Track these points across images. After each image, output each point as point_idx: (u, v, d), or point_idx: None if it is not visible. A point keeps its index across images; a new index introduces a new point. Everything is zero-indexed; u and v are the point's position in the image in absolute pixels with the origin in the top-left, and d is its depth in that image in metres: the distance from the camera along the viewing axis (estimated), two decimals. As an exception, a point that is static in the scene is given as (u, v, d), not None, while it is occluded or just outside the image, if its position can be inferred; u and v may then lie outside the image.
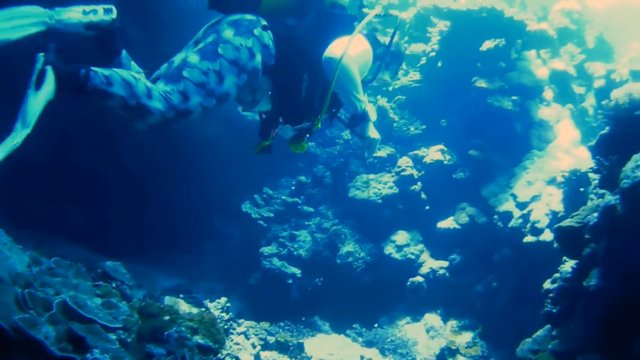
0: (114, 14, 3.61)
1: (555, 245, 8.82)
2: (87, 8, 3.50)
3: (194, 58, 3.71)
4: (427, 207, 11.15)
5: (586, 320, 5.46)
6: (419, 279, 10.54)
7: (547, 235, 9.05)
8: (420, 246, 10.93)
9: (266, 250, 10.80)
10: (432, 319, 10.32)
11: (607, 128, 5.63)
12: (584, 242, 5.44)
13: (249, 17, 3.99)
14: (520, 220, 9.57)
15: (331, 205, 11.72)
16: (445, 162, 11.09)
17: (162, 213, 10.10)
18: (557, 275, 6.65)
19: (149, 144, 9.66)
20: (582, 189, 8.80)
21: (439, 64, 11.45)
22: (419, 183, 11.09)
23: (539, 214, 9.28)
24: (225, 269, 11.34)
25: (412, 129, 11.71)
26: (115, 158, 9.60)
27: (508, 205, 9.89)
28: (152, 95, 3.43)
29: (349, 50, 3.99)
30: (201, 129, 10.35)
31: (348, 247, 10.88)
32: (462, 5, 10.65)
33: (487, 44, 10.59)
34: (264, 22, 4.03)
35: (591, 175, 8.71)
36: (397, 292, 10.77)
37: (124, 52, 3.85)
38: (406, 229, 11.07)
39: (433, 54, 11.56)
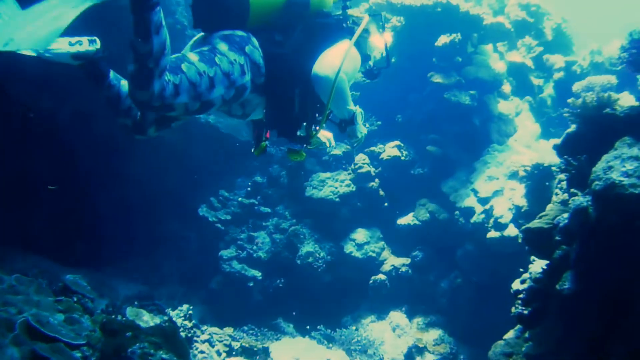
0: (98, 44, 3.64)
1: (520, 240, 8.89)
2: (73, 40, 3.53)
3: (193, 56, 3.66)
4: (385, 204, 11.09)
5: (560, 323, 5.40)
6: (382, 276, 10.53)
7: (511, 230, 9.05)
8: (381, 244, 10.88)
9: (225, 253, 10.72)
10: (397, 316, 10.31)
11: (574, 126, 5.54)
12: (554, 243, 5.35)
13: (239, 33, 4.00)
14: (482, 216, 9.54)
15: (288, 205, 11.58)
16: (403, 158, 11.06)
17: (119, 218, 9.88)
18: (526, 275, 6.58)
19: (104, 149, 9.60)
20: (546, 183, 8.76)
21: (393, 60, 11.30)
22: (376, 180, 11.04)
23: (502, 209, 9.24)
24: (185, 273, 11.19)
25: (367, 125, 11.58)
26: (70, 164, 9.45)
27: (469, 201, 9.85)
28: (162, 76, 3.36)
29: (339, 64, 4.03)
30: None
31: (308, 247, 10.77)
32: (416, 1, 10.54)
33: (443, 39, 10.53)
34: (254, 40, 4.03)
35: (555, 169, 8.71)
36: (360, 290, 10.76)
37: (111, 72, 3.86)
38: (366, 226, 11.02)
39: (394, 59, 11.34)
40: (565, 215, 5.26)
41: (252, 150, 4.58)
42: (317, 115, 4.35)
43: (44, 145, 9.13)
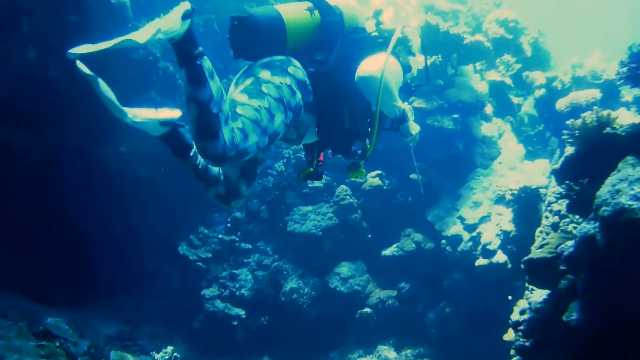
0: (180, 112, 3.76)
1: (509, 266, 8.66)
2: (157, 109, 3.70)
3: (241, 97, 3.64)
4: (369, 236, 10.84)
5: (564, 355, 5.11)
6: (368, 310, 10.26)
7: (500, 257, 8.85)
8: (366, 276, 10.60)
9: (208, 292, 10.44)
10: (385, 350, 10.06)
11: (572, 149, 5.26)
12: (559, 273, 5.08)
13: (278, 57, 4.04)
14: (470, 244, 9.27)
15: (270, 240, 11.29)
16: (385, 188, 10.76)
17: (99, 255, 9.66)
18: (524, 304, 6.31)
19: (82, 188, 9.45)
20: (534, 207, 8.53)
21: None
22: (359, 211, 10.78)
23: (490, 235, 9.00)
24: (167, 312, 10.88)
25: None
26: (50, 203, 9.32)
27: (456, 229, 9.55)
28: (228, 123, 3.34)
29: (382, 64, 4.10)
30: (132, 170, 10.04)
31: (291, 283, 10.50)
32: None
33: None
34: (295, 60, 4.08)
35: (542, 191, 8.48)
36: (347, 325, 10.53)
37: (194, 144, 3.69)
38: (350, 259, 10.74)
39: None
40: (570, 243, 4.98)
41: (299, 175, 4.58)
42: (369, 129, 4.38)
43: (21, 183, 9.03)
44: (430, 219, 9.98)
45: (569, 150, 5.29)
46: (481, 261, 8.98)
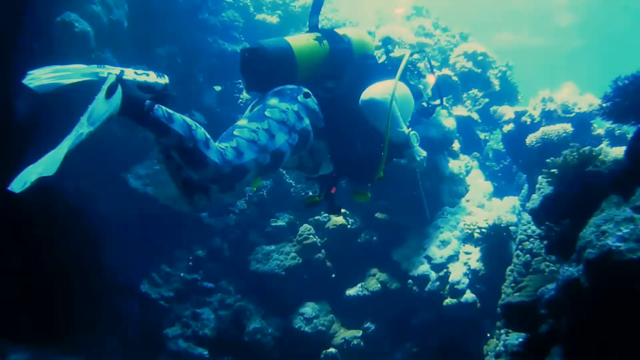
0: (166, 79, 3.62)
1: (478, 305, 8.42)
2: (139, 71, 3.51)
3: (242, 121, 3.85)
4: (333, 275, 10.55)
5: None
6: (333, 350, 9.94)
7: (469, 296, 8.61)
8: (331, 316, 10.32)
9: (170, 331, 10.17)
10: (351, 390, 9.68)
11: (551, 188, 5.03)
12: (539, 317, 4.82)
13: (290, 86, 4.18)
14: (437, 283, 9.01)
15: (232, 279, 10.99)
16: (349, 227, 10.48)
17: (60, 292, 9.22)
18: (500, 348, 6.07)
19: (43, 222, 9.05)
20: (503, 245, 8.33)
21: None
22: (322, 250, 10.49)
23: (458, 275, 8.79)
24: (130, 350, 10.40)
25: (310, 193, 11.00)
26: (11, 236, 8.93)
27: (423, 268, 9.26)
28: (210, 146, 3.44)
29: (386, 89, 4.25)
30: (92, 204, 9.75)
31: (254, 323, 10.22)
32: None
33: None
34: (306, 90, 4.20)
35: (512, 228, 8.29)
36: (311, 366, 10.17)
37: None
38: (314, 299, 10.45)
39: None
40: (550, 286, 4.73)
41: (304, 202, 4.78)
42: (381, 153, 4.36)
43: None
44: (396, 258, 9.70)
45: (547, 188, 5.06)
46: (449, 300, 8.74)
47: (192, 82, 11.64)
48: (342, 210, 10.27)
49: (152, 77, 3.54)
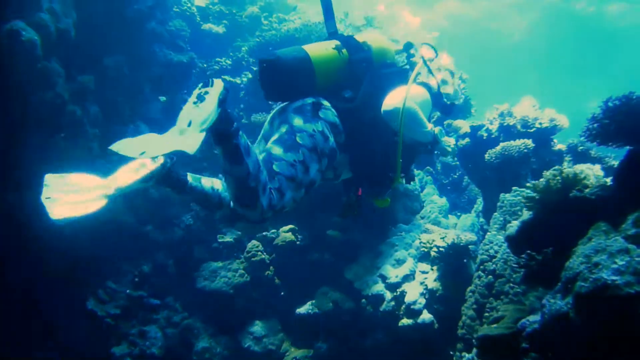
0: (161, 159, 3.58)
1: (436, 326, 8.11)
2: (134, 165, 3.54)
3: (277, 150, 3.78)
4: (282, 293, 10.20)
5: None
6: (283, 369, 9.46)
7: (426, 316, 8.23)
8: (281, 335, 9.97)
9: (117, 350, 9.68)
10: (301, 412, 9.32)
11: (529, 213, 4.68)
12: (521, 350, 4.48)
13: (309, 100, 4.14)
14: (393, 303, 8.61)
15: (179, 296, 10.52)
16: (298, 243, 10.09)
17: (6, 307, 8.92)
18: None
19: None
20: (462, 265, 8.03)
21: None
22: (271, 267, 10.14)
23: (414, 295, 8.40)
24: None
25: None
26: None
27: (377, 288, 8.85)
28: (265, 190, 3.49)
29: (403, 96, 4.16)
30: (39, 218, 8.94)
31: (203, 342, 9.86)
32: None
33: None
34: (325, 102, 4.19)
35: (471, 247, 8.01)
36: (261, 386, 9.77)
37: (188, 175, 3.88)
38: (263, 318, 10.10)
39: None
40: (532, 318, 4.39)
41: (340, 214, 4.82)
42: (400, 159, 4.40)
43: None
44: (349, 277, 9.28)
45: (527, 214, 4.71)
46: (405, 321, 8.34)
47: (138, 93, 11.27)
48: (291, 226, 9.95)
49: (148, 167, 3.55)
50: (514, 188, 7.69)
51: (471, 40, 36.04)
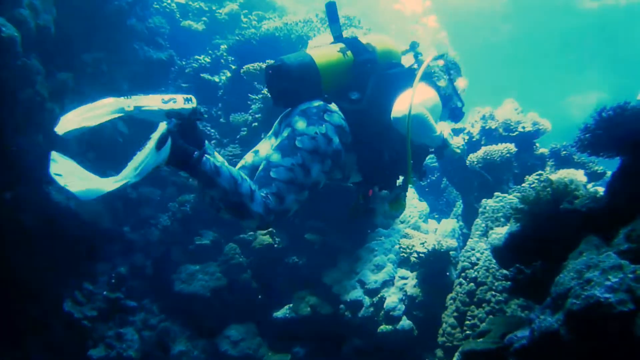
0: (194, 103, 3.64)
1: (416, 333, 8.00)
2: (166, 97, 3.56)
3: (275, 157, 3.86)
4: (260, 296, 10.01)
5: None
6: (261, 374, 9.27)
7: (405, 322, 8.12)
8: (258, 339, 9.75)
9: (94, 352, 9.46)
10: (279, 417, 9.16)
11: (518, 225, 4.50)
12: (508, 367, 4.33)
13: (316, 103, 4.13)
14: (372, 309, 8.47)
15: (156, 298, 10.34)
16: (277, 246, 9.88)
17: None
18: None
19: None
20: (442, 271, 7.88)
21: (262, 136, 10.01)
22: (248, 270, 9.95)
23: (394, 300, 8.28)
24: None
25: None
26: None
27: (356, 293, 8.69)
28: (254, 198, 3.57)
29: (414, 99, 4.11)
30: (17, 217, 9.08)
31: (180, 346, 9.66)
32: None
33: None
34: (331, 105, 4.18)
35: (452, 253, 7.87)
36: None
37: (206, 142, 3.88)
38: (240, 321, 9.89)
39: (255, 124, 10.18)
40: (519, 333, 4.21)
41: (350, 212, 4.86)
42: (411, 161, 4.37)
43: None
44: (327, 281, 9.10)
45: (515, 225, 4.54)
46: (384, 327, 8.22)
47: (115, 90, 10.76)
48: (269, 229, 9.76)
49: (179, 104, 3.56)
50: (496, 194, 7.55)
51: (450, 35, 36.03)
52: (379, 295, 8.46)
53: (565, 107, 34.90)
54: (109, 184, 3.12)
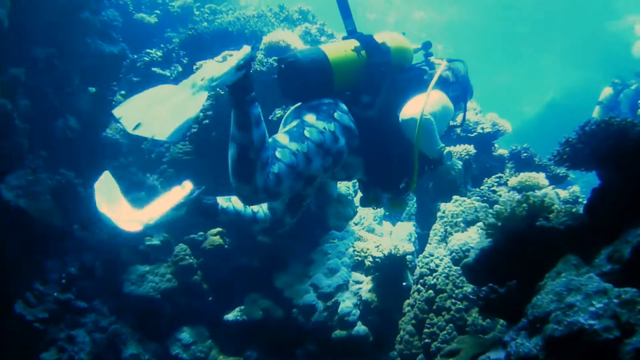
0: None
1: (371, 339, 7.81)
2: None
3: (283, 137, 3.88)
4: (210, 298, 9.62)
5: None
6: (212, 377, 8.98)
7: (360, 328, 7.85)
8: (209, 342, 9.37)
9: (46, 355, 9.06)
10: (230, 421, 8.86)
11: (489, 241, 4.21)
12: (479, 389, 4.06)
13: (326, 101, 4.18)
14: (325, 314, 8.17)
15: (106, 299, 9.86)
16: (227, 247, 9.53)
17: None
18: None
19: None
20: (398, 275, 7.63)
21: (213, 134, 9.67)
22: (199, 272, 9.56)
23: (348, 305, 7.99)
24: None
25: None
26: None
27: (309, 297, 8.37)
28: (264, 170, 3.59)
29: (425, 108, 4.06)
30: None
31: (131, 349, 9.24)
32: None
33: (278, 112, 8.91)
34: (342, 105, 4.20)
35: (409, 257, 7.62)
36: (189, 394, 9.33)
37: (218, 198, 4.18)
38: (191, 324, 9.48)
39: (207, 121, 9.69)
40: (492, 355, 3.97)
41: (361, 202, 4.86)
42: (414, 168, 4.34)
43: None
44: (279, 285, 8.77)
45: (486, 241, 4.25)
46: (339, 332, 7.95)
47: (67, 85, 10.75)
48: (219, 229, 9.41)
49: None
50: (454, 197, 7.33)
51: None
52: (333, 300, 8.19)
53: (522, 109, 35.01)
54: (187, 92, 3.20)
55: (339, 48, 4.30)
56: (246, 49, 3.42)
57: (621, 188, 3.57)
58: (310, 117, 3.98)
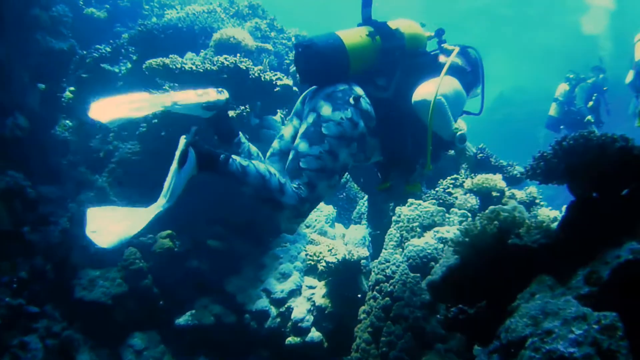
0: (226, 94, 4.02)
1: (326, 345, 7.56)
2: (199, 91, 3.88)
3: (302, 146, 3.94)
4: (161, 302, 9.22)
5: None
6: (165, 382, 8.64)
7: (315, 334, 7.56)
8: (161, 347, 8.99)
9: None
10: None
11: (456, 257, 3.93)
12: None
13: (341, 87, 4.15)
14: (278, 320, 7.88)
15: (58, 304, 9.39)
16: (177, 249, 9.18)
17: None
18: None
19: None
20: (353, 280, 7.35)
21: (163, 134, 9.21)
22: (149, 276, 9.15)
23: (302, 311, 7.70)
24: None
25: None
26: None
27: (262, 303, 8.08)
28: (285, 191, 3.75)
29: (437, 89, 4.08)
30: None
31: (83, 356, 8.83)
32: (199, 68, 8.58)
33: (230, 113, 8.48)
34: (358, 89, 4.19)
35: (363, 262, 7.38)
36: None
37: (240, 133, 4.24)
38: (143, 329, 9.11)
39: (155, 120, 9.28)
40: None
41: (377, 188, 4.82)
42: (430, 147, 4.33)
43: None
44: (230, 289, 8.49)
45: (452, 258, 3.98)
46: (292, 339, 7.66)
47: (16, 82, 10.28)
48: (169, 232, 9.06)
49: (212, 96, 3.90)
50: (410, 201, 7.06)
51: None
52: (286, 306, 7.90)
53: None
54: (141, 220, 3.33)
55: (354, 33, 4.32)
56: (181, 143, 3.49)
57: (598, 206, 3.35)
58: (326, 109, 3.99)
